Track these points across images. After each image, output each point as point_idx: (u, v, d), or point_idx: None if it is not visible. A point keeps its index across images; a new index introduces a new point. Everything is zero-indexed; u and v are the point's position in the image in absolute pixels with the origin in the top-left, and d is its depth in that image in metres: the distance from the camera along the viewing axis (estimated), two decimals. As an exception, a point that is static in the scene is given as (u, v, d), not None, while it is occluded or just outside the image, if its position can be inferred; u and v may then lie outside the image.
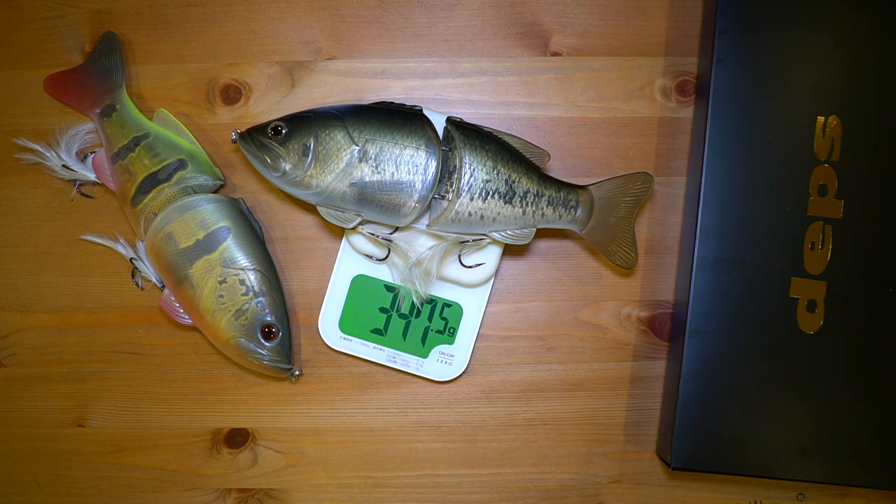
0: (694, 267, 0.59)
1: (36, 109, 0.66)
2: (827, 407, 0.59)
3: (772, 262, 0.60)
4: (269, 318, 0.61)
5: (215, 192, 0.63)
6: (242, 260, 0.61)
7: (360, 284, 0.63)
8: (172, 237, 0.60)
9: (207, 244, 0.60)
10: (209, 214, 0.61)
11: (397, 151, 0.56)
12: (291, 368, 0.62)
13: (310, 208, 0.65)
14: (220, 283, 0.60)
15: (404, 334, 0.64)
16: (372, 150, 0.56)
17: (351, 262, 0.63)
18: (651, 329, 0.65)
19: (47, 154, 0.64)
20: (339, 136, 0.56)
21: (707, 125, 0.60)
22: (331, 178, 0.56)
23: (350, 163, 0.56)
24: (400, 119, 0.57)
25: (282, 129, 0.57)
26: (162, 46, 0.65)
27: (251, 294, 0.60)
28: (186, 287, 0.60)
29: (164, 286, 0.63)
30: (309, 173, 0.56)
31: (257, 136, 0.57)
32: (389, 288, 0.63)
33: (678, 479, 0.65)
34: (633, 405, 0.65)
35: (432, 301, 0.63)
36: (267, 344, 0.61)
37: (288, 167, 0.56)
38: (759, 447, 0.60)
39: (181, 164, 0.62)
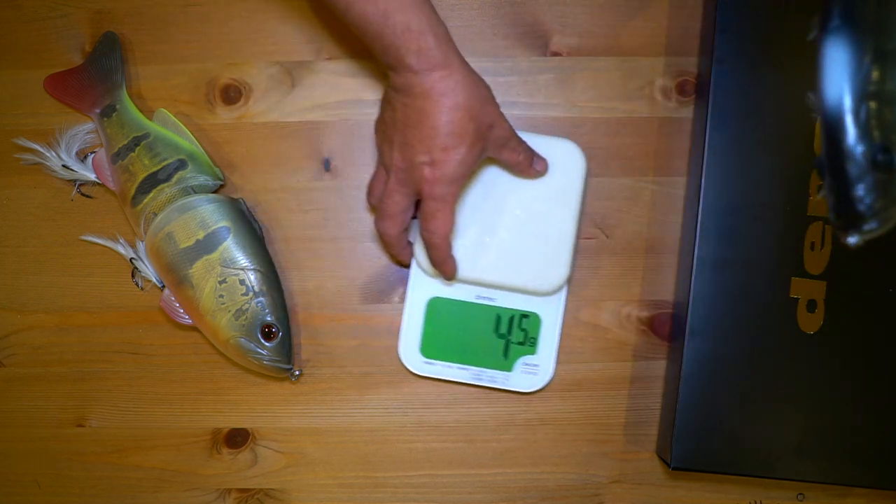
0: (694, 267, 0.59)
1: (36, 109, 0.65)
2: (827, 407, 0.59)
3: (772, 262, 0.60)
4: (269, 318, 0.61)
5: (215, 192, 0.63)
6: (242, 260, 0.61)
7: (435, 307, 0.63)
8: (172, 237, 0.60)
9: (207, 244, 0.60)
10: (209, 214, 0.61)
11: None
12: (291, 368, 0.62)
13: (310, 208, 0.65)
14: (220, 283, 0.60)
15: (486, 350, 0.63)
16: None
17: (423, 286, 0.63)
18: (651, 329, 0.65)
19: (47, 154, 0.64)
20: None
21: (707, 125, 0.60)
22: None
23: None
24: None
25: None
26: (162, 46, 0.65)
27: (251, 294, 0.60)
28: (186, 287, 0.60)
29: (164, 286, 0.63)
30: None
31: None
32: (466, 305, 0.63)
33: (678, 479, 0.65)
34: (633, 405, 0.65)
35: (509, 313, 0.63)
36: (267, 344, 0.61)
37: None
38: (759, 447, 0.59)
39: (181, 164, 0.62)
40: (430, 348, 0.63)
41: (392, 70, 0.52)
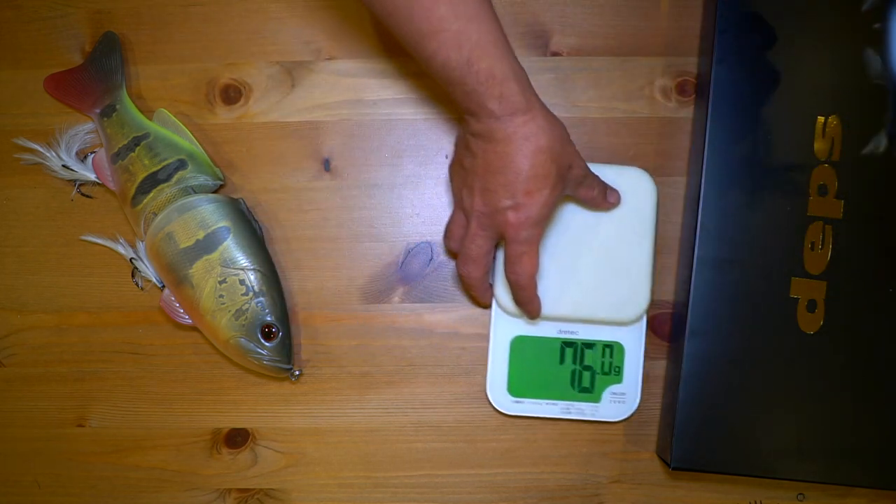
0: (694, 267, 0.59)
1: (36, 109, 0.65)
2: (827, 407, 0.59)
3: (772, 262, 0.59)
4: (269, 318, 0.61)
5: (215, 192, 0.63)
6: (242, 260, 0.61)
7: (519, 345, 0.63)
8: (172, 237, 0.60)
9: (207, 244, 0.60)
10: (209, 214, 0.61)
11: None
12: (291, 368, 0.62)
13: (310, 208, 0.65)
14: (220, 283, 0.60)
15: (573, 384, 0.63)
16: None
17: (505, 326, 0.63)
18: (651, 329, 0.65)
19: (47, 154, 0.64)
20: None
21: (707, 125, 0.60)
22: None
23: None
24: None
25: None
26: (162, 46, 0.65)
27: (251, 294, 0.60)
28: (186, 287, 0.60)
29: (164, 286, 0.63)
30: None
31: None
32: (549, 341, 0.63)
33: (678, 479, 0.65)
34: (633, 405, 0.65)
35: (592, 345, 0.63)
36: (267, 344, 0.61)
37: None
38: (759, 447, 0.59)
39: (181, 164, 0.62)
40: (518, 387, 0.63)
41: (472, 116, 0.51)
